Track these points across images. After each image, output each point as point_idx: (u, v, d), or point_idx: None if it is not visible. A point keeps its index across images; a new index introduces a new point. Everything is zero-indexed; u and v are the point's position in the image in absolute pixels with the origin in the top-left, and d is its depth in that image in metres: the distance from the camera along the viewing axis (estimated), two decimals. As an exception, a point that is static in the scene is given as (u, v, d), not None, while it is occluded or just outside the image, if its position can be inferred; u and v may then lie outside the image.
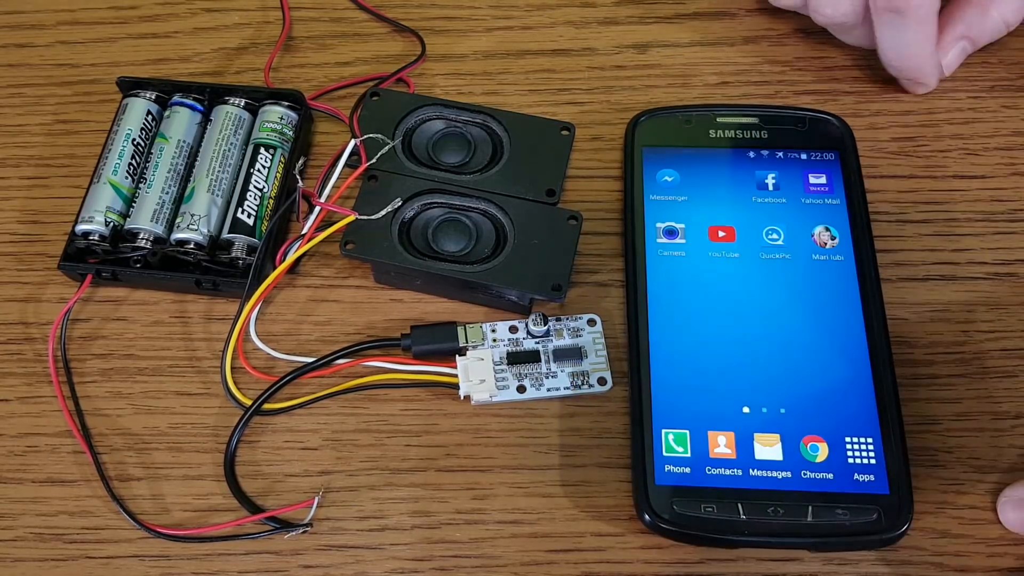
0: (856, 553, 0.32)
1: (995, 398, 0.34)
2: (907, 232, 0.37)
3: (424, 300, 0.36)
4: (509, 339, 0.35)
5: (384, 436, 0.34)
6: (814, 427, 0.32)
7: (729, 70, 0.41)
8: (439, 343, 0.35)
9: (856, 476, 0.31)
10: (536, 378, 0.34)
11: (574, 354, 0.34)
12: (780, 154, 0.37)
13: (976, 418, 0.34)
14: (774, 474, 0.31)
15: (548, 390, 0.34)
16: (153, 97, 0.39)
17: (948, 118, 0.40)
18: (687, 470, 0.32)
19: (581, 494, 0.33)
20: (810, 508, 0.31)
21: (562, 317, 0.35)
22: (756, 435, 0.32)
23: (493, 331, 0.35)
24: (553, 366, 0.34)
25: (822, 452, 0.32)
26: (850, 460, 0.31)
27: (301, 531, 0.32)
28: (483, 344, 0.35)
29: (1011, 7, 0.38)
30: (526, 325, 0.35)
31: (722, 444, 0.32)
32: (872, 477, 0.31)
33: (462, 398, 0.34)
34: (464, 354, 0.34)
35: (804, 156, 0.37)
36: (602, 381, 0.34)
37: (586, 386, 0.34)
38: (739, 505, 0.31)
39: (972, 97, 0.40)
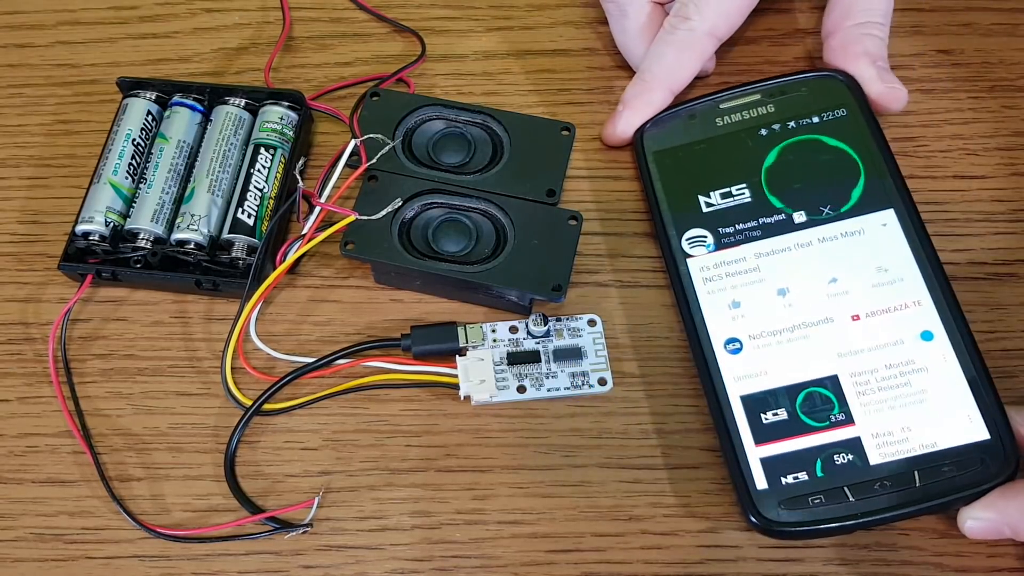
0: (856, 553, 0.32)
1: (995, 398, 0.34)
2: (907, 232, 0.37)
3: (424, 300, 0.36)
4: (509, 339, 0.35)
5: (384, 436, 0.34)
6: (900, 394, 0.31)
7: (729, 70, 0.41)
8: (439, 343, 0.35)
9: (952, 429, 0.30)
10: (536, 378, 0.34)
11: (574, 354, 0.34)
12: (792, 123, 0.37)
13: (976, 418, 0.34)
14: (871, 450, 0.31)
15: (548, 390, 0.34)
16: (153, 97, 0.39)
17: (948, 118, 0.40)
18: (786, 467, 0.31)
19: (581, 494, 0.33)
20: (916, 473, 0.30)
21: (562, 317, 0.35)
22: (844, 415, 0.31)
23: (493, 331, 0.35)
24: (553, 366, 0.34)
25: (912, 416, 0.31)
26: (943, 416, 0.31)
27: (301, 531, 0.32)
28: (483, 344, 0.35)
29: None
30: (526, 325, 0.35)
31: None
32: (969, 426, 0.30)
33: (462, 398, 0.34)
34: (464, 354, 0.34)
35: (816, 120, 0.36)
36: (602, 381, 0.34)
37: (586, 386, 0.34)
38: (845, 489, 0.30)
39: (972, 97, 0.40)
